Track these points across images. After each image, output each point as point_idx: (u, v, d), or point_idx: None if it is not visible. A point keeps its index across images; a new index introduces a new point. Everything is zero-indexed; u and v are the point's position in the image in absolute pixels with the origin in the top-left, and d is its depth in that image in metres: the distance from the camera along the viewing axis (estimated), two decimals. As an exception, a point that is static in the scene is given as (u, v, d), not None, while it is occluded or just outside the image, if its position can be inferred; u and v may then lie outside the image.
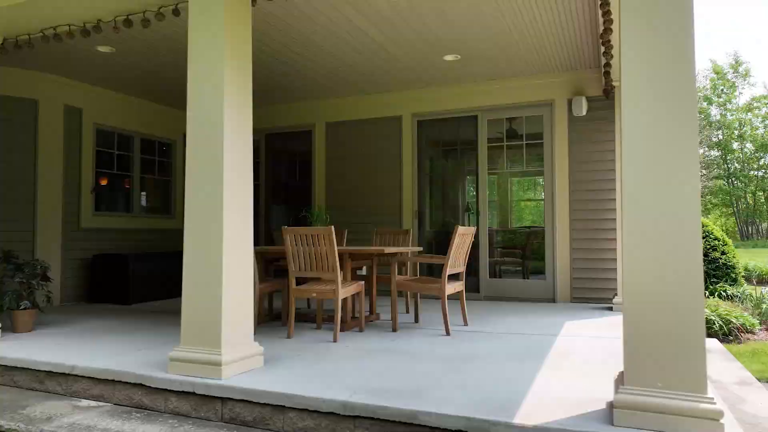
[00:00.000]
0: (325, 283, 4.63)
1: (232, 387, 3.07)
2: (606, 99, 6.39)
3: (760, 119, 36.75)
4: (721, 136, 38.12)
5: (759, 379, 4.54)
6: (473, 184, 7.37)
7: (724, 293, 8.93)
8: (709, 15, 71.12)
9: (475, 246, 7.21)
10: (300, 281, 4.90)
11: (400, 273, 5.66)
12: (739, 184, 37.53)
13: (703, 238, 9.96)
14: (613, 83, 5.98)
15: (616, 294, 6.14)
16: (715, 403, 2.24)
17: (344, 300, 4.91)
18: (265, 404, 2.97)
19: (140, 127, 8.01)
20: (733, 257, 10.00)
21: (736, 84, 37.66)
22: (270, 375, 3.27)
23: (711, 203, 38.96)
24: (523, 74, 6.73)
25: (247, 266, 3.53)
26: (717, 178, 36.80)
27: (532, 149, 7.03)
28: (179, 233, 8.65)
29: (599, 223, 6.44)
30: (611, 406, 2.45)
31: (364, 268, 5.92)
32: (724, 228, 43.13)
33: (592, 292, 6.46)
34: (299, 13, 4.76)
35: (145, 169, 8.18)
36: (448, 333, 4.62)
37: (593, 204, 6.50)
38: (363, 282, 4.86)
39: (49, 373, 3.68)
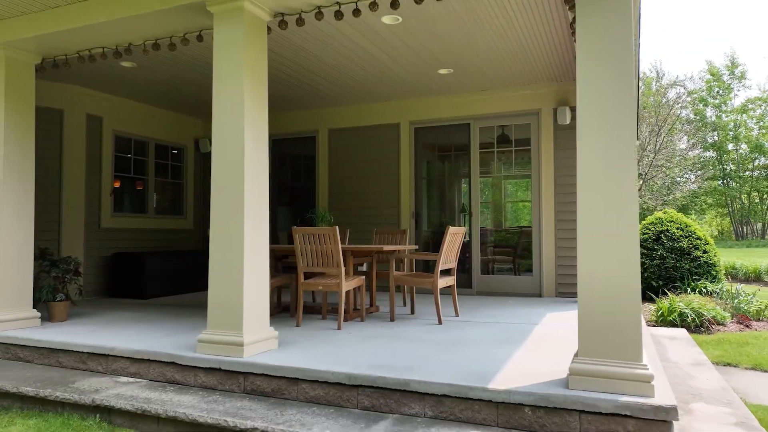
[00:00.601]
0: (330, 277, 5.17)
1: (252, 363, 3.61)
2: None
3: (754, 121, 37.27)
4: (716, 138, 38.65)
5: (716, 363, 5.10)
6: (467, 186, 7.91)
7: (704, 289, 9.48)
8: (708, 15, 71.61)
9: (468, 245, 7.76)
10: (307, 276, 5.44)
11: (397, 269, 6.20)
12: (734, 184, 38.05)
13: (686, 237, 10.51)
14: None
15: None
16: (647, 369, 2.78)
17: (347, 293, 5.44)
18: (281, 377, 3.52)
19: (155, 133, 8.56)
20: (714, 256, 10.53)
21: (732, 86, 38.16)
22: (284, 354, 3.81)
23: (706, 203, 39.49)
24: (512, 86, 7.26)
25: (264, 262, 4.07)
26: (711, 179, 37.29)
27: (520, 154, 7.57)
28: (189, 233, 9.21)
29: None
30: (568, 374, 2.99)
31: (365, 264, 6.47)
32: (719, 228, 43.74)
33: (575, 287, 6.99)
34: (311, 37, 5.29)
35: (159, 173, 8.72)
36: (440, 322, 5.17)
37: (575, 206, 7.02)
38: (364, 277, 5.41)
39: (91, 354, 4.22)
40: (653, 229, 10.79)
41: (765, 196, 37.86)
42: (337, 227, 4.87)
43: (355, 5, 4.04)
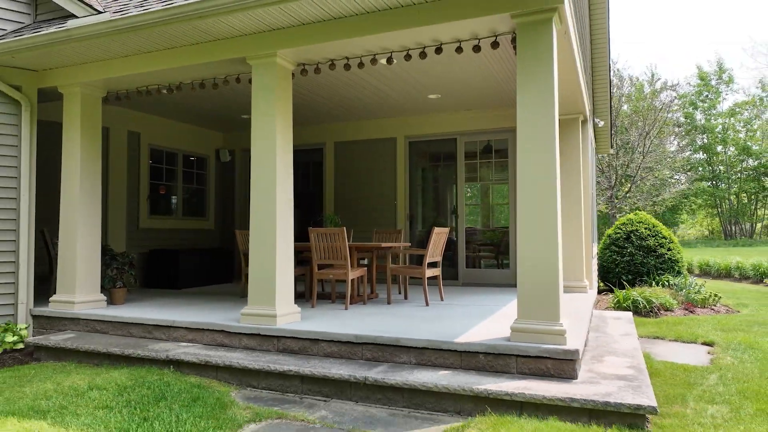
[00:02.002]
0: (338, 268, 6.41)
1: (283, 329, 4.86)
2: (555, 128, 8.16)
3: (741, 124, 38.52)
4: (706, 140, 39.92)
5: (648, 336, 6.36)
6: (455, 191, 9.17)
7: (667, 282, 10.74)
8: (699, 21, 72.80)
9: (455, 242, 9.01)
10: (319, 267, 6.67)
11: (393, 262, 7.45)
12: (722, 185, 39.31)
13: (653, 236, 11.77)
14: (558, 116, 7.76)
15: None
16: (562, 327, 4.02)
17: (352, 281, 6.69)
18: (305, 339, 4.77)
19: (182, 145, 9.82)
20: (678, 253, 11.81)
21: (719, 90, 39.40)
22: (306, 324, 5.06)
23: (695, 204, 40.77)
24: (491, 107, 8.51)
25: (289, 256, 5.32)
26: (698, 180, 38.52)
27: (500, 164, 8.81)
28: (211, 232, 10.47)
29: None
30: (510, 332, 4.24)
31: (366, 258, 7.71)
32: (710, 228, 45.00)
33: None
34: (324, 75, 6.52)
35: (185, 180, 9.98)
36: (427, 304, 6.42)
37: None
38: (366, 269, 6.66)
39: (156, 326, 5.48)
40: (624, 229, 12.06)
41: (753, 197, 39.11)
42: (344, 228, 6.12)
43: (359, 60, 5.29)
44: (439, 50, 4.96)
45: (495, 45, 4.78)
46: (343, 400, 4.14)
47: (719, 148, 39.67)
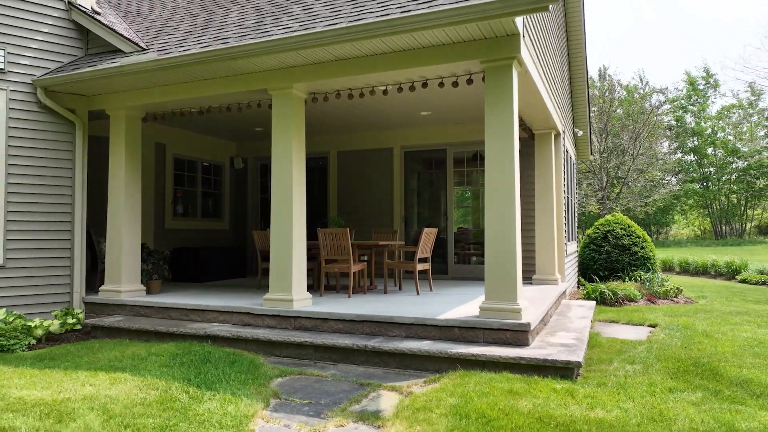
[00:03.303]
0: (342, 263, 7.53)
1: (299, 311, 6.00)
2: (531, 140, 9.29)
3: (731, 127, 39.64)
4: (696, 142, 41.06)
5: (605, 321, 7.50)
6: (445, 196, 10.30)
7: (639, 278, 11.89)
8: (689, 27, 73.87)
9: (445, 241, 10.14)
10: (326, 262, 7.80)
11: (390, 258, 8.57)
12: (712, 187, 40.44)
13: (628, 236, 12.91)
14: (533, 131, 8.90)
15: (534, 273, 9.04)
16: (519, 306, 5.15)
17: (354, 274, 7.82)
18: (317, 318, 5.91)
19: (201, 154, 10.96)
20: (650, 251, 12.96)
21: (708, 94, 40.54)
22: (316, 307, 6.20)
23: (686, 204, 41.91)
24: (475, 121, 9.63)
25: (303, 251, 6.45)
26: (688, 181, 39.63)
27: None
28: (226, 232, 11.61)
29: (526, 225, 9.34)
30: (479, 310, 5.36)
31: (366, 255, 8.84)
32: (701, 228, 46.13)
33: (522, 272, 9.36)
34: (332, 101, 7.67)
35: (204, 185, 11.12)
36: (418, 293, 7.55)
37: (523, 211, 9.41)
38: (365, 263, 7.78)
39: (191, 310, 6.62)
40: (602, 229, 13.22)
41: (742, 198, 40.24)
42: (347, 228, 7.25)
43: (360, 91, 6.44)
44: (425, 85, 6.11)
45: (469, 82, 5.92)
46: (347, 364, 5.28)
47: (709, 150, 40.82)
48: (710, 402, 3.87)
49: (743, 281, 15.09)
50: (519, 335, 5.07)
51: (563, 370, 4.53)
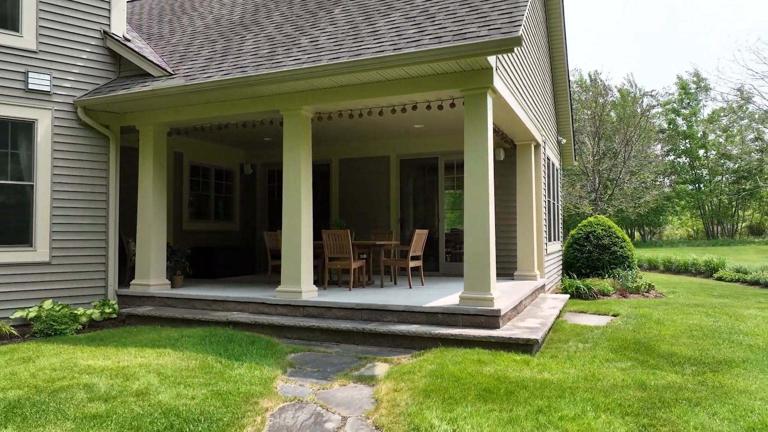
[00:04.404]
0: (344, 260, 8.54)
1: (306, 301, 7.01)
2: (514, 150, 10.30)
3: (721, 130, 40.63)
4: (688, 145, 42.08)
5: (575, 311, 8.51)
6: (438, 199, 11.32)
7: (617, 275, 12.87)
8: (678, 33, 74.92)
9: (437, 241, 11.16)
10: (330, 259, 8.81)
11: (386, 257, 9.58)
12: (704, 188, 41.45)
13: (608, 236, 13.90)
14: (516, 143, 9.92)
15: (516, 270, 10.05)
16: (492, 295, 6.17)
17: (354, 270, 8.82)
18: (322, 307, 6.92)
19: (214, 161, 11.98)
20: (629, 250, 13.95)
21: (699, 97, 41.55)
22: (321, 298, 7.21)
23: (679, 206, 42.92)
24: (463, 133, 10.61)
25: (310, 249, 7.46)
26: (680, 183, 40.63)
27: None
28: (236, 233, 12.63)
29: (508, 226, 10.35)
30: (459, 299, 6.37)
31: (365, 253, 9.85)
32: (694, 228, 47.15)
33: (505, 269, 10.38)
34: (335, 119, 8.68)
35: (217, 190, 12.14)
36: (410, 287, 8.56)
37: (505, 214, 10.42)
38: (364, 261, 8.80)
39: (213, 301, 7.63)
40: (584, 230, 14.22)
41: (733, 199, 41.24)
42: (348, 230, 8.26)
43: (360, 111, 7.46)
44: (415, 107, 7.14)
45: (452, 105, 6.94)
46: (348, 344, 6.30)
47: (701, 152, 41.85)
48: (635, 368, 4.89)
49: (719, 279, 16.11)
50: (491, 319, 6.08)
51: (524, 347, 5.55)
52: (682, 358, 5.27)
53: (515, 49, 5.67)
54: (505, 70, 7.11)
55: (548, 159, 11.68)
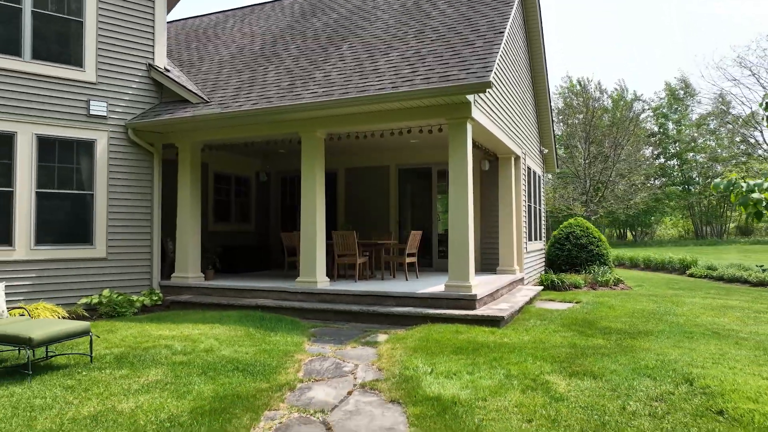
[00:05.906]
0: (350, 257, 10.10)
1: (322, 289, 8.59)
2: (496, 162, 11.86)
3: (709, 133, 42.18)
4: (678, 148, 43.64)
5: (546, 299, 10.09)
6: (432, 204, 12.89)
7: (593, 271, 14.43)
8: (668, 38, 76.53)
9: (431, 240, 12.73)
10: (339, 256, 10.38)
11: (386, 254, 11.16)
12: (693, 190, 43.00)
13: (586, 236, 15.47)
14: (498, 156, 11.50)
15: (498, 265, 11.61)
16: (470, 283, 7.74)
17: (359, 265, 10.39)
18: (334, 294, 8.50)
19: (234, 170, 13.56)
20: (605, 249, 15.51)
21: (686, 102, 43.11)
22: (333, 287, 8.77)
23: (669, 207, 44.46)
24: (455, 146, 12.18)
25: (323, 246, 9.03)
26: (669, 185, 42.15)
27: (462, 186, 12.52)
28: (252, 234, 14.21)
29: (493, 228, 11.92)
30: (444, 287, 7.93)
31: (368, 251, 11.42)
32: (684, 228, 48.70)
33: (488, 264, 11.95)
34: (344, 140, 10.25)
35: (236, 195, 13.72)
36: (407, 279, 10.13)
37: (490, 217, 12.00)
38: (367, 257, 10.37)
39: (243, 290, 9.21)
40: (565, 230, 15.79)
41: (722, 201, 42.75)
42: (354, 231, 9.82)
43: (364, 133, 9.04)
44: (409, 131, 8.73)
45: (440, 130, 8.53)
46: (356, 322, 7.87)
47: (690, 155, 43.41)
48: (574, 337, 6.46)
49: (691, 275, 17.69)
50: (470, 303, 7.65)
51: (493, 322, 7.12)
52: (614, 330, 6.85)
53: (486, 90, 7.25)
54: (484, 101, 8.68)
55: (529, 168, 13.24)
